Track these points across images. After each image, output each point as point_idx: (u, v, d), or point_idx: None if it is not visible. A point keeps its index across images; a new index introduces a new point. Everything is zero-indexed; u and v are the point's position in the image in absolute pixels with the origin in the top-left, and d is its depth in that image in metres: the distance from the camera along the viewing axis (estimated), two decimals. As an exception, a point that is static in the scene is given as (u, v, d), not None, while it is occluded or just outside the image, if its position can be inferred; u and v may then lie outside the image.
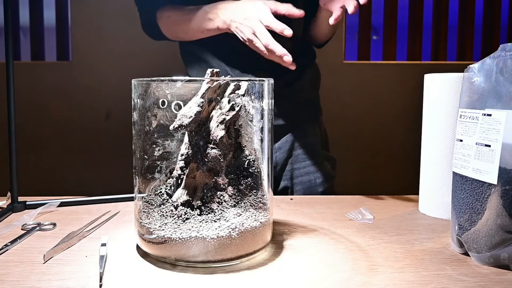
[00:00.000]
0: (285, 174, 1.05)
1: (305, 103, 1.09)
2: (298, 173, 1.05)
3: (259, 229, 0.54)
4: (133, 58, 1.83)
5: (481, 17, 2.14)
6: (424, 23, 2.12)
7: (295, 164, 1.05)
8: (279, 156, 1.05)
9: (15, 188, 0.75)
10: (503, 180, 0.51)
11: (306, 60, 1.09)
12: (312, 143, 1.08)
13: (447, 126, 0.72)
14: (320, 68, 1.14)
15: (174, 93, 0.52)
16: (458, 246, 0.58)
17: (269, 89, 0.56)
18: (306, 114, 1.10)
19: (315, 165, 1.06)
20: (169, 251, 0.52)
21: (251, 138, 0.57)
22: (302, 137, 1.07)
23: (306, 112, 1.10)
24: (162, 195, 0.56)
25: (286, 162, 1.05)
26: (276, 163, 1.05)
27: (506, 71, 0.51)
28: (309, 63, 1.11)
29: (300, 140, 1.06)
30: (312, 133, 1.09)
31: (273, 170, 0.88)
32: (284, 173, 1.05)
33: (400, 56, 2.15)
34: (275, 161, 1.05)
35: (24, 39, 2.05)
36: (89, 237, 0.63)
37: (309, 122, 1.10)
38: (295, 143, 1.06)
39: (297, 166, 1.05)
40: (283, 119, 1.05)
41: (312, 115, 1.12)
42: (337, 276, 0.50)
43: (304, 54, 1.10)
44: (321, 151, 1.10)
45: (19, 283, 0.48)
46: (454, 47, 2.17)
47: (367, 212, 0.74)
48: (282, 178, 1.05)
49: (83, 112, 1.88)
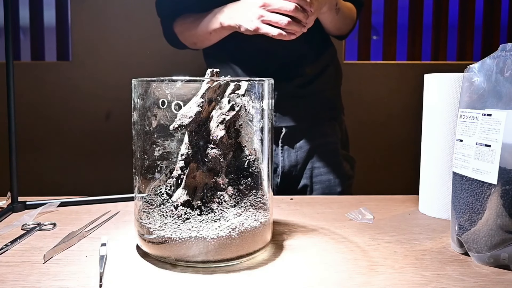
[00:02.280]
0: (305, 172, 1.06)
1: (325, 102, 1.10)
2: (317, 172, 1.06)
3: (259, 229, 0.54)
4: (133, 58, 1.83)
5: (481, 17, 2.14)
6: (424, 23, 2.12)
7: (315, 163, 1.06)
8: (300, 155, 1.06)
9: (15, 188, 0.75)
10: (503, 180, 0.51)
11: (326, 59, 1.10)
12: (332, 143, 1.09)
13: (447, 126, 0.72)
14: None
15: (174, 93, 0.52)
16: (458, 246, 0.58)
17: (269, 89, 0.56)
18: (327, 113, 1.10)
19: (335, 164, 1.07)
20: (169, 251, 0.52)
21: (251, 138, 0.57)
22: (322, 137, 1.08)
23: (327, 111, 1.10)
24: (162, 195, 0.56)
25: (307, 161, 1.06)
26: (297, 162, 1.06)
27: (506, 71, 0.51)
28: (330, 61, 1.12)
29: (320, 139, 1.07)
30: (332, 133, 1.10)
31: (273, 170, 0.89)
32: (304, 172, 1.06)
33: (400, 56, 2.15)
34: (295, 160, 1.06)
35: (24, 39, 2.05)
36: (89, 237, 0.63)
37: (330, 121, 1.10)
38: (315, 142, 1.06)
39: (317, 165, 1.06)
40: (304, 119, 1.06)
41: (333, 114, 1.12)
42: (337, 276, 0.50)
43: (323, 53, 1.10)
44: (341, 151, 1.10)
45: (19, 283, 0.48)
46: (454, 47, 2.17)
47: (367, 212, 0.74)
48: (303, 177, 1.06)
49: (83, 112, 1.88)
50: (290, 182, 1.06)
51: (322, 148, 1.07)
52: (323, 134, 1.08)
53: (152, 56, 1.80)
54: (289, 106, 1.05)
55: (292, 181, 1.07)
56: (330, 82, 1.12)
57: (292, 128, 1.05)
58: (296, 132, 1.06)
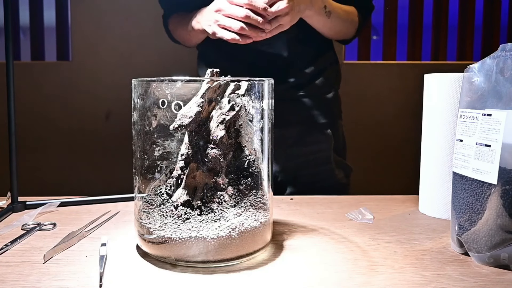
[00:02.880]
0: (292, 179, 1.04)
1: (319, 107, 1.06)
2: (305, 180, 1.03)
3: (259, 229, 0.54)
4: (133, 58, 1.83)
5: (481, 17, 2.14)
6: (424, 23, 2.12)
7: (302, 170, 1.04)
8: (287, 161, 1.03)
9: (15, 188, 0.75)
10: (503, 180, 0.51)
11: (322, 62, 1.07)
12: (323, 150, 1.06)
13: (447, 126, 0.72)
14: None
15: (174, 93, 0.52)
16: (458, 246, 0.58)
17: (269, 89, 0.56)
18: (321, 118, 1.07)
19: (325, 172, 1.04)
20: (169, 251, 0.52)
21: (251, 138, 0.57)
22: (312, 143, 1.05)
23: (321, 116, 1.07)
24: (162, 195, 0.56)
25: (294, 167, 1.04)
26: (283, 168, 1.03)
27: (506, 71, 0.51)
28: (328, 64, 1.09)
29: (310, 146, 1.04)
30: (325, 139, 1.06)
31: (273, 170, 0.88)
32: (291, 179, 1.04)
33: (400, 56, 2.15)
34: (283, 166, 1.03)
35: (24, 39, 2.04)
36: (89, 237, 0.63)
37: (323, 127, 1.07)
38: (305, 149, 1.04)
39: (304, 172, 1.04)
40: (295, 124, 1.03)
41: (328, 119, 1.08)
42: (337, 276, 0.50)
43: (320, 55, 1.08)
44: (335, 158, 1.07)
45: (19, 283, 0.48)
46: (454, 47, 2.17)
47: (367, 212, 0.74)
48: (289, 184, 1.04)
49: (83, 112, 1.88)
50: (275, 188, 1.04)
51: (312, 155, 1.04)
52: (314, 141, 1.05)
53: (152, 56, 1.80)
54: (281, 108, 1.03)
55: (277, 187, 1.03)
56: (326, 86, 1.08)
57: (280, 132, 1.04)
58: (286, 137, 1.03)
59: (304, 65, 1.05)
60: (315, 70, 1.05)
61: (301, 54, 1.04)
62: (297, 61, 1.04)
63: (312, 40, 1.03)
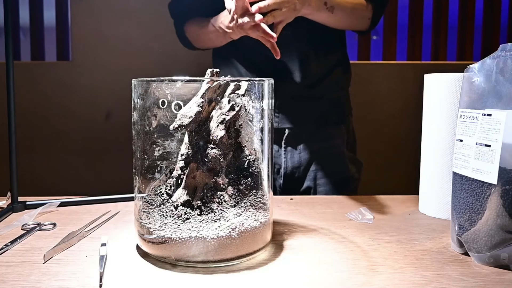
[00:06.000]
0: (309, 174, 1.05)
1: (332, 104, 1.09)
2: (321, 174, 1.05)
3: (259, 229, 0.54)
4: (133, 58, 1.83)
5: (481, 17, 2.14)
6: (424, 23, 2.12)
7: (318, 165, 1.05)
8: (303, 157, 1.05)
9: (15, 188, 0.75)
10: (503, 180, 0.51)
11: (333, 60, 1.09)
12: (337, 145, 1.08)
13: (447, 126, 0.72)
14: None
15: (174, 93, 0.52)
16: (458, 246, 0.58)
17: (269, 89, 0.56)
18: (333, 114, 1.09)
19: (339, 167, 1.06)
20: (169, 251, 0.52)
21: (251, 138, 0.57)
22: (327, 139, 1.07)
23: (333, 113, 1.09)
24: (162, 195, 0.56)
25: (310, 163, 1.05)
26: (300, 164, 1.05)
27: (506, 71, 0.51)
28: (338, 62, 1.11)
29: (325, 141, 1.06)
30: (338, 135, 1.09)
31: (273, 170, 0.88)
32: (308, 174, 1.05)
33: (400, 56, 2.15)
34: (298, 161, 1.05)
35: (24, 39, 2.04)
36: (89, 237, 0.63)
37: (336, 123, 1.09)
38: (319, 144, 1.06)
39: (320, 167, 1.05)
40: (308, 120, 1.06)
41: (340, 115, 1.11)
42: (337, 276, 0.50)
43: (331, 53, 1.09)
44: (347, 153, 1.09)
45: (19, 283, 0.48)
46: (454, 47, 2.17)
47: (367, 212, 0.74)
48: (306, 178, 1.06)
49: (83, 112, 1.88)
50: (294, 184, 1.06)
51: (327, 150, 1.06)
52: (328, 136, 1.07)
53: (152, 56, 1.80)
54: (293, 107, 1.04)
55: (295, 182, 1.06)
56: (338, 83, 1.10)
57: (295, 130, 1.05)
58: (299, 134, 1.05)
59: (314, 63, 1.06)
60: (324, 68, 1.07)
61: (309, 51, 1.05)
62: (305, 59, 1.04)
63: (320, 37, 1.03)
